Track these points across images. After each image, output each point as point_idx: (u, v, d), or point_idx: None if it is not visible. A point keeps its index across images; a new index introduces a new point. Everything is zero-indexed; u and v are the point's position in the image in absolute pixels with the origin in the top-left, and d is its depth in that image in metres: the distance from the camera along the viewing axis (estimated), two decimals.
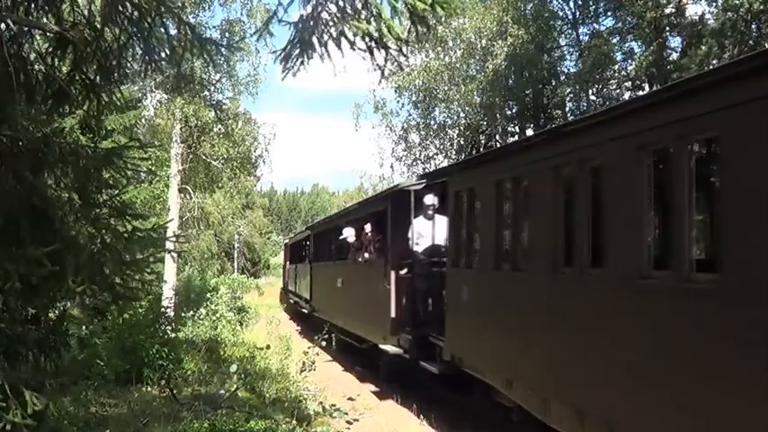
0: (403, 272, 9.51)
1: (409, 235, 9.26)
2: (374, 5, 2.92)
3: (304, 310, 19.28)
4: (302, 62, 3.18)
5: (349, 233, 12.95)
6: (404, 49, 3.12)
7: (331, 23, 3.00)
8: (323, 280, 16.48)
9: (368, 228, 11.51)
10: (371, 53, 3.06)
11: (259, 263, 64.37)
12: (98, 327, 9.49)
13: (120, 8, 3.73)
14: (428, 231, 9.10)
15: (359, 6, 2.98)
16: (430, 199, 9.07)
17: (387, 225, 10.24)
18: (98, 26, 3.94)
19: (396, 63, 3.20)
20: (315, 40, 3.06)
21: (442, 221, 8.78)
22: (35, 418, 3.22)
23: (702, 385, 3.64)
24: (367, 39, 2.98)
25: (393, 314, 9.63)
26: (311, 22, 3.02)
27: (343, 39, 2.99)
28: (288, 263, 29.59)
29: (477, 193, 7.37)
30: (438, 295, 8.49)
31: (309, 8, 3.06)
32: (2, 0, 3.90)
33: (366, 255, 11.71)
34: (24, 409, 3.13)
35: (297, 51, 3.10)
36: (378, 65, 3.12)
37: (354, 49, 3.08)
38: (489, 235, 6.91)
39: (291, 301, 25.58)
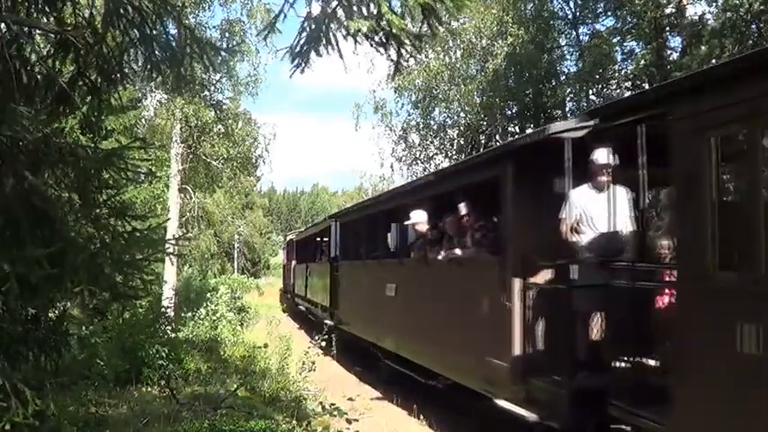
0: (539, 279, 5.96)
1: (563, 215, 5.67)
2: (377, 2, 2.91)
3: (327, 322, 14.01)
4: (308, 60, 3.16)
5: (419, 218, 8.98)
6: (417, 44, 3.09)
7: (343, 18, 3.00)
8: (358, 284, 12.33)
9: (463, 208, 7.70)
10: (385, 48, 3.05)
11: (259, 263, 64.43)
12: (98, 327, 9.49)
13: (122, 11, 3.73)
14: (600, 211, 5.64)
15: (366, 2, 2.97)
16: (604, 155, 5.57)
17: (504, 200, 6.47)
18: (99, 29, 3.95)
19: (410, 57, 3.19)
20: (330, 34, 3.04)
21: (623, 195, 5.69)
22: (36, 418, 3.23)
23: None
24: (381, 34, 2.97)
25: (518, 348, 5.98)
26: (323, 17, 3.01)
27: (358, 33, 2.98)
28: (293, 262, 25.41)
29: None
30: (630, 327, 4.87)
31: (319, 5, 3.06)
32: (2, 1, 3.90)
33: (457, 251, 7.80)
34: (26, 409, 3.13)
35: (306, 47, 3.09)
36: (392, 59, 3.11)
37: (372, 45, 3.06)
38: None
39: (301, 307, 21.36)
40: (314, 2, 3.11)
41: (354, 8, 2.98)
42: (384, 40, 3.01)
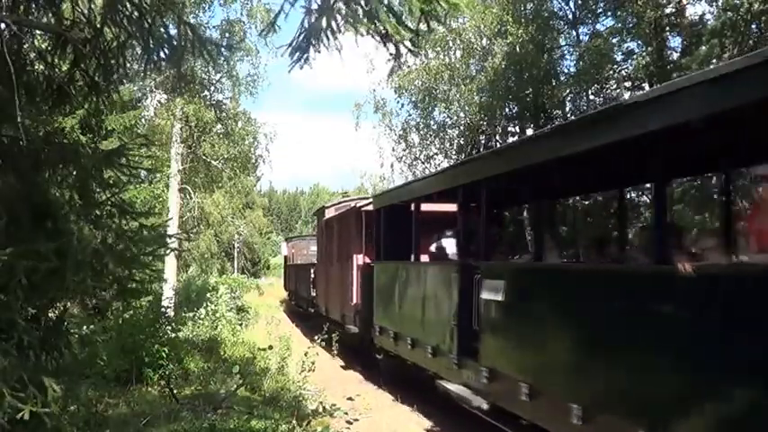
0: None
1: None
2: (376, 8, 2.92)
3: None
4: (307, 55, 3.17)
5: None
6: (415, 41, 3.12)
7: (342, 15, 3.01)
8: None
9: None
10: (385, 43, 3.07)
11: (259, 263, 64.42)
12: (98, 326, 9.50)
13: (120, 7, 3.73)
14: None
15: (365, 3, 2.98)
16: None
17: None
18: (98, 25, 3.95)
19: (408, 52, 3.21)
20: (329, 30, 3.05)
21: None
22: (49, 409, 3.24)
23: None
24: (381, 28, 2.99)
25: None
26: (323, 12, 3.02)
27: (354, 29, 3.00)
28: (359, 257, 12.20)
29: None
30: None
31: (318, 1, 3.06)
32: (2, 0, 3.90)
33: None
34: (45, 396, 3.15)
35: (306, 42, 3.10)
36: (391, 54, 3.13)
37: (373, 37, 3.07)
38: None
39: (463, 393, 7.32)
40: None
41: (354, 6, 2.99)
42: (384, 33, 3.03)
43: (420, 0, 2.76)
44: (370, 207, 11.56)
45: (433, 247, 9.25)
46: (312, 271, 19.68)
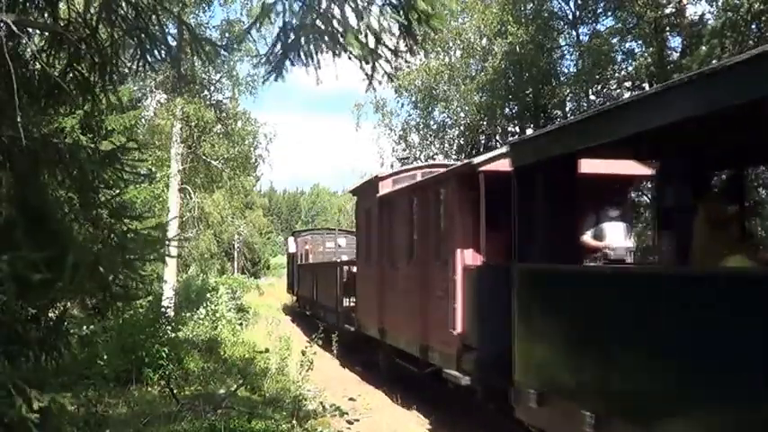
0: None
1: None
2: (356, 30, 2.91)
3: None
4: (282, 69, 3.16)
5: None
6: (392, 61, 3.10)
7: (317, 37, 3.00)
8: None
9: None
10: (360, 62, 3.04)
11: (259, 263, 64.42)
12: (98, 327, 9.50)
13: (116, 6, 3.73)
14: None
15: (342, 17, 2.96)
16: None
17: None
18: (93, 23, 3.94)
19: (384, 74, 3.18)
20: (307, 46, 3.04)
21: None
22: (38, 415, 3.23)
23: None
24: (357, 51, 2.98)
25: None
26: (297, 29, 3.01)
27: (328, 45, 2.98)
28: None
29: None
30: None
31: (295, 18, 3.05)
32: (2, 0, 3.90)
33: None
34: (29, 406, 3.14)
35: (281, 56, 3.09)
36: (366, 74, 3.09)
37: (350, 58, 3.05)
38: None
39: None
40: (291, 14, 3.09)
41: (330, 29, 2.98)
42: (360, 54, 3.01)
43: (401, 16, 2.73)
44: (494, 167, 6.87)
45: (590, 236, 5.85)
46: (346, 273, 14.71)
